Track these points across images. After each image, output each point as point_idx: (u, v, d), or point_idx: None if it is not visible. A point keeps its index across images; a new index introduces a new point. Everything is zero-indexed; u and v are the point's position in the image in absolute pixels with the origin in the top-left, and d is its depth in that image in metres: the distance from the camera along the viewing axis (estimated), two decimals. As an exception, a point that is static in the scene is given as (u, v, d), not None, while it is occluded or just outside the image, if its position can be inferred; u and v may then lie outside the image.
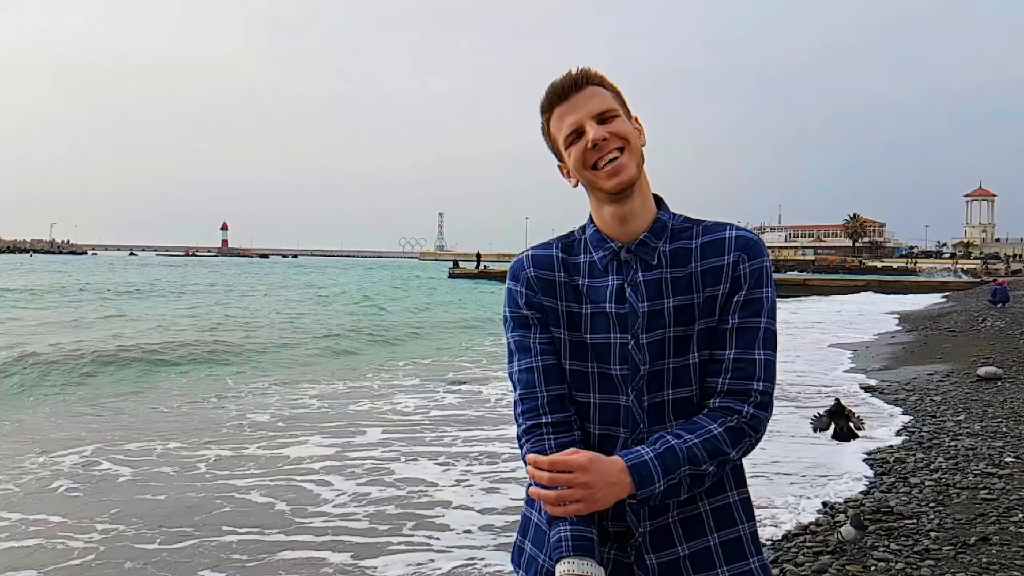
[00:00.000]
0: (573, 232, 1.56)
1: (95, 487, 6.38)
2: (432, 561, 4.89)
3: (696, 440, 1.36)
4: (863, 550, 4.42)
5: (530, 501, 1.59)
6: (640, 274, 1.45)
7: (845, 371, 12.65)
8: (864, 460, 6.58)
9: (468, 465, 6.99)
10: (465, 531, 5.36)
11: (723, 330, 1.44)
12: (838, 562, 4.31)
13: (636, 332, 1.43)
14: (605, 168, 1.43)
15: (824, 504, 5.42)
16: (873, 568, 4.22)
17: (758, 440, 1.42)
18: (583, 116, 1.43)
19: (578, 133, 1.44)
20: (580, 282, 1.49)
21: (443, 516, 5.71)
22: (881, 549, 4.46)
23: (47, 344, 14.56)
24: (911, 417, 8.36)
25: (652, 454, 1.34)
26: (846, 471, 6.30)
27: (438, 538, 5.27)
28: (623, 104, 1.48)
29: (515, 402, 1.51)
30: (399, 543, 5.18)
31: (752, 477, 6.09)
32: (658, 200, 1.53)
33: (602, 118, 1.43)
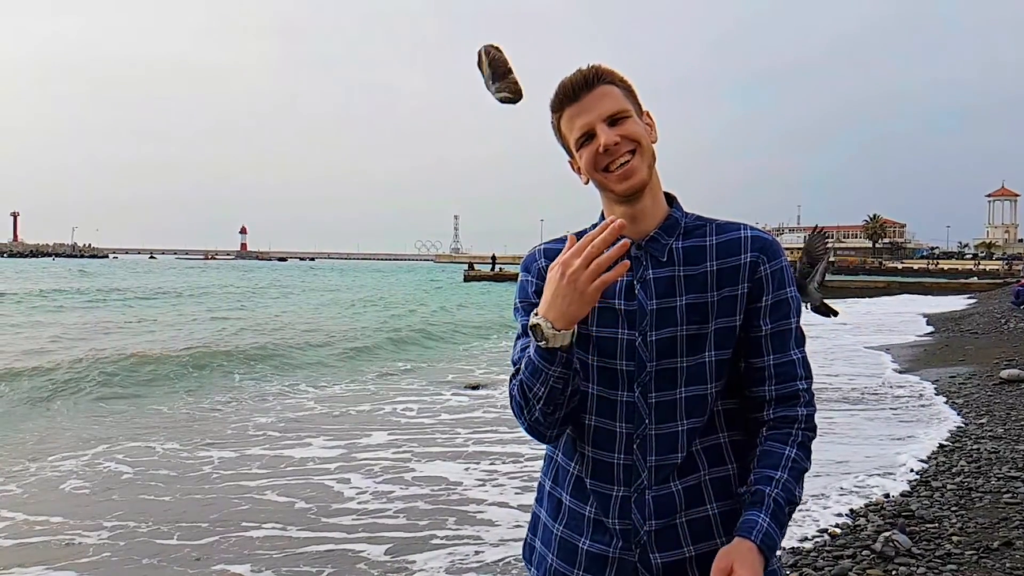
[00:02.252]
0: (585, 229, 1.54)
1: (102, 485, 6.44)
2: (480, 552, 4.95)
3: (787, 476, 1.40)
4: (884, 555, 4.37)
5: (539, 499, 1.60)
6: (650, 271, 1.45)
7: (897, 371, 12.54)
8: (919, 461, 6.58)
9: (491, 465, 6.97)
10: (515, 526, 5.35)
11: (756, 337, 1.45)
12: (858, 566, 4.27)
13: (644, 329, 1.43)
14: (616, 172, 1.42)
15: (850, 510, 5.38)
16: (894, 573, 4.17)
17: (816, 432, 1.49)
18: (594, 118, 1.42)
19: (589, 135, 1.43)
20: None
21: (484, 512, 5.74)
22: (902, 553, 4.41)
23: (66, 350, 14.71)
24: (963, 419, 8.29)
25: (768, 519, 1.36)
26: (892, 472, 6.30)
27: (488, 531, 5.32)
28: (635, 100, 1.47)
29: (512, 375, 1.51)
30: (444, 536, 5.24)
31: (814, 476, 6.11)
32: (671, 198, 1.52)
33: (613, 119, 1.42)
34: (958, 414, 8.58)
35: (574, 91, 1.43)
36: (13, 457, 7.35)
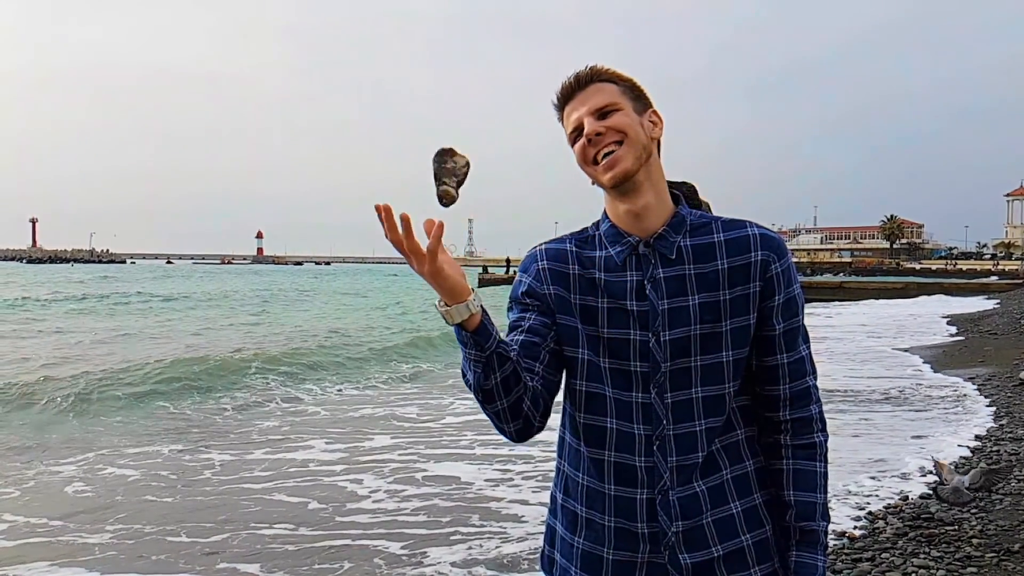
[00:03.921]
0: (587, 228, 1.54)
1: (106, 488, 6.49)
2: (506, 544, 5.02)
3: (824, 496, 1.49)
4: (904, 556, 4.34)
5: (553, 511, 1.58)
6: (660, 270, 1.44)
7: (933, 371, 12.46)
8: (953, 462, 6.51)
9: (504, 466, 6.96)
10: (542, 521, 5.35)
11: (770, 336, 1.47)
12: (877, 569, 4.24)
13: (656, 329, 1.42)
14: (602, 162, 1.43)
15: (869, 513, 5.34)
16: (913, 575, 4.15)
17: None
18: (583, 113, 1.44)
19: (580, 130, 1.45)
20: (597, 276, 1.46)
21: (508, 508, 5.76)
22: (922, 556, 4.38)
23: (81, 357, 14.80)
24: (994, 420, 8.21)
25: (823, 557, 1.47)
26: (910, 473, 6.29)
27: (514, 527, 5.37)
28: (636, 97, 1.47)
29: None
30: (467, 532, 5.30)
31: (852, 473, 6.19)
32: (676, 197, 1.52)
33: (601, 113, 1.43)
34: (992, 416, 8.49)
35: (569, 91, 1.47)
36: (15, 462, 7.38)
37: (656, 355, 1.42)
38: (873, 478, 6.17)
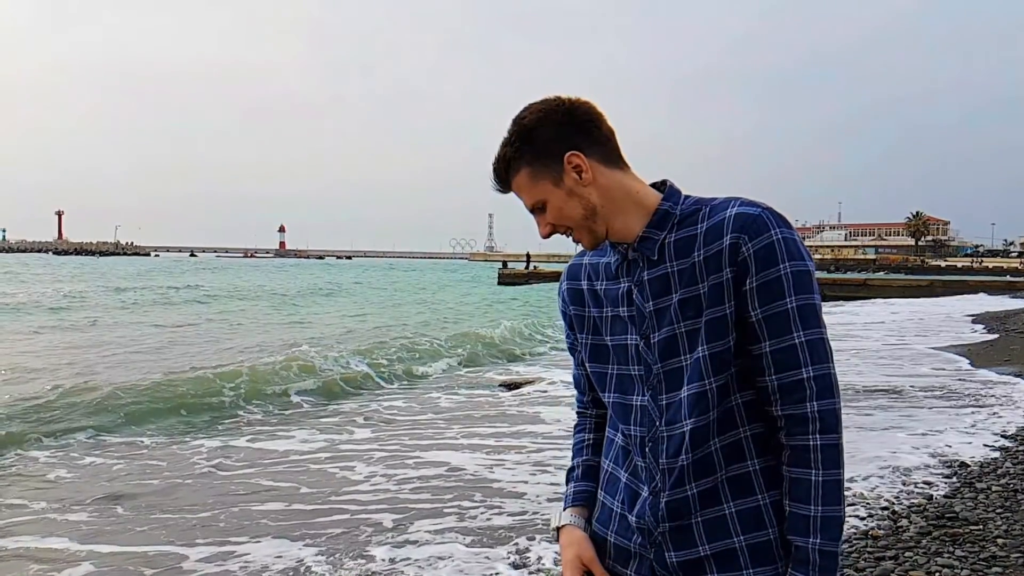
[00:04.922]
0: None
1: (89, 473, 6.59)
2: (512, 516, 5.15)
3: (822, 509, 1.36)
4: (928, 555, 4.33)
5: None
6: (645, 272, 1.43)
7: (972, 368, 12.37)
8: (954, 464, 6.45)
9: (500, 455, 6.99)
10: (552, 498, 5.45)
11: (750, 323, 1.37)
12: (900, 567, 4.24)
13: (645, 332, 1.43)
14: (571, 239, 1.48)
15: (893, 512, 5.31)
16: (937, 574, 4.13)
17: (840, 428, 1.38)
18: (526, 207, 1.47)
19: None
20: (599, 286, 1.51)
21: (514, 487, 5.83)
22: (946, 555, 4.37)
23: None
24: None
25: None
26: (937, 470, 6.23)
27: (515, 502, 5.48)
28: (546, 164, 1.41)
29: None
30: (471, 507, 5.40)
31: (874, 471, 6.14)
32: (664, 186, 1.48)
33: (536, 208, 1.45)
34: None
35: (501, 189, 1.47)
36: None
37: (647, 357, 1.44)
38: (897, 475, 6.13)
